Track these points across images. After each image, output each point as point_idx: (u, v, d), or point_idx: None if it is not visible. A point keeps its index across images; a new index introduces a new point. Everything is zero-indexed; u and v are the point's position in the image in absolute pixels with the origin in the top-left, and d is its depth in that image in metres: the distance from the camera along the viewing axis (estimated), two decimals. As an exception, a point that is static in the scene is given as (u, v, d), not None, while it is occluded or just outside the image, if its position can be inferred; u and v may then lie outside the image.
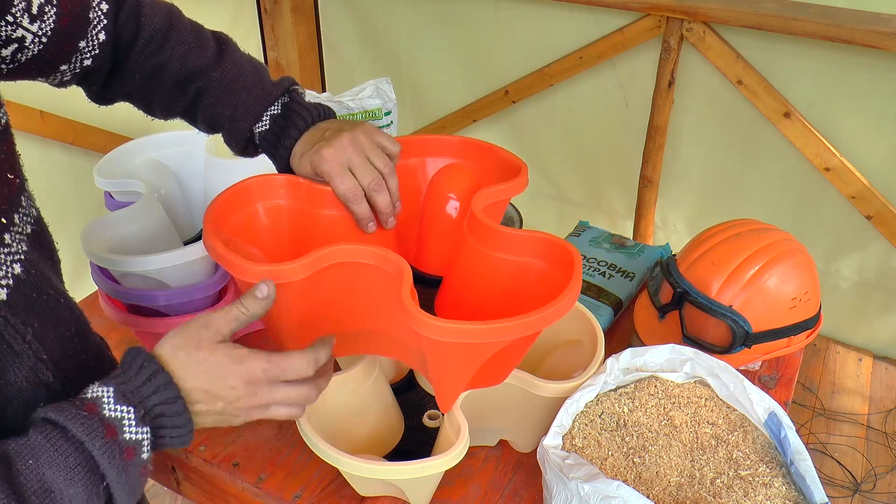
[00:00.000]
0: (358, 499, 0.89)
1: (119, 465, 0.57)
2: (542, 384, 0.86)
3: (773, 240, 1.04)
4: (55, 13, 0.72)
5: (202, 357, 0.63)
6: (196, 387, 0.62)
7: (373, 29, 2.61)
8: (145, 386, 0.60)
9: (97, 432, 0.56)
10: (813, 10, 1.80)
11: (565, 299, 0.70)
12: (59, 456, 0.55)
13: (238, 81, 0.85)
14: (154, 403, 0.60)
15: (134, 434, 0.58)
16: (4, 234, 0.60)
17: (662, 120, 2.15)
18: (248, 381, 0.64)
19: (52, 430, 0.56)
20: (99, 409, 0.58)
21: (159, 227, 1.04)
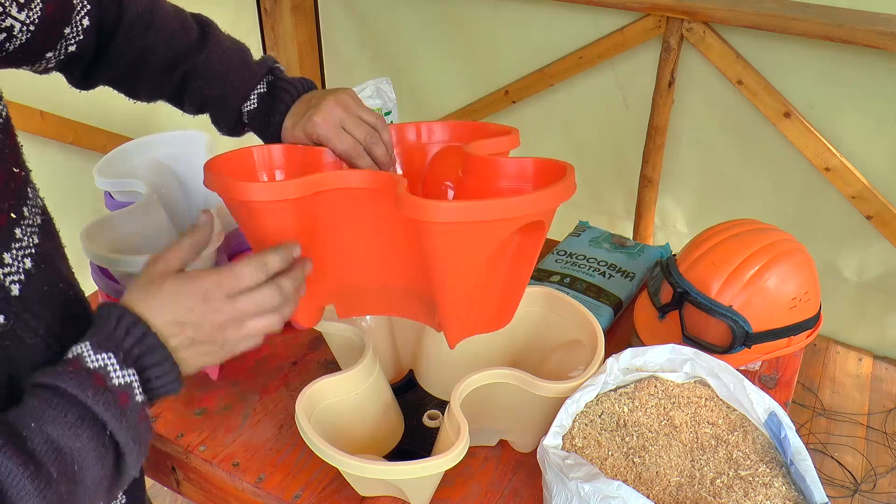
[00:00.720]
0: (358, 499, 0.89)
1: (116, 410, 0.57)
2: (543, 384, 0.86)
3: (773, 240, 1.04)
4: (41, 1, 0.73)
5: (156, 289, 0.63)
6: (162, 322, 0.62)
7: (373, 29, 2.61)
8: (117, 331, 0.60)
9: (87, 383, 0.57)
10: (813, 10, 1.80)
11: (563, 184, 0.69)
12: (58, 413, 0.55)
13: (224, 63, 0.87)
14: (130, 345, 0.60)
15: (121, 378, 0.58)
16: (15, 229, 0.61)
17: (662, 120, 2.15)
18: (203, 298, 0.63)
19: (44, 391, 0.56)
20: (82, 362, 0.58)
21: (159, 227, 1.04)
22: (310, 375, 0.90)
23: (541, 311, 1.01)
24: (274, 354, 1.13)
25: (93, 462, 0.56)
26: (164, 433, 0.99)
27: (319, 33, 2.74)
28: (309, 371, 1.09)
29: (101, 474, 0.57)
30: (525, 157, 0.80)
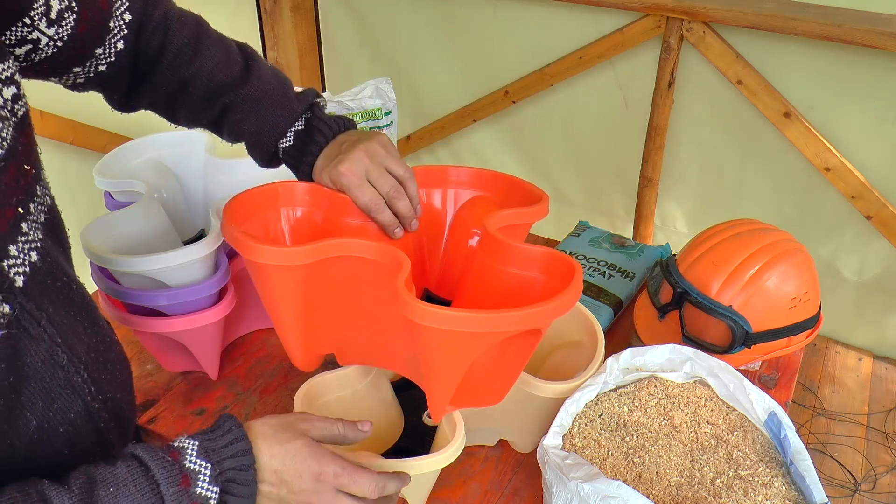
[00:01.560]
0: (358, 499, 0.89)
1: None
2: (542, 385, 0.86)
3: (773, 240, 1.04)
4: (74, 19, 0.73)
5: (285, 438, 0.66)
6: (269, 465, 0.65)
7: (372, 29, 2.61)
8: (227, 448, 0.63)
9: (174, 479, 0.59)
10: (813, 10, 1.80)
11: (557, 302, 0.70)
12: (137, 492, 0.58)
13: (265, 99, 0.87)
14: (229, 466, 0.62)
15: (205, 490, 0.61)
16: (22, 223, 0.61)
17: (662, 120, 2.15)
18: (317, 477, 0.66)
19: (137, 466, 0.59)
20: (181, 458, 0.61)
21: (159, 227, 1.04)
22: (309, 375, 0.91)
23: None
24: (274, 354, 1.13)
25: None
26: (164, 433, 0.99)
27: (319, 33, 2.74)
28: (309, 371, 1.09)
29: None
30: (535, 247, 0.81)
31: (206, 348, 1.04)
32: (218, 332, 1.03)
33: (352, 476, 0.68)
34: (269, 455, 0.65)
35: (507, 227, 0.87)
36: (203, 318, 0.98)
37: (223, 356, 1.10)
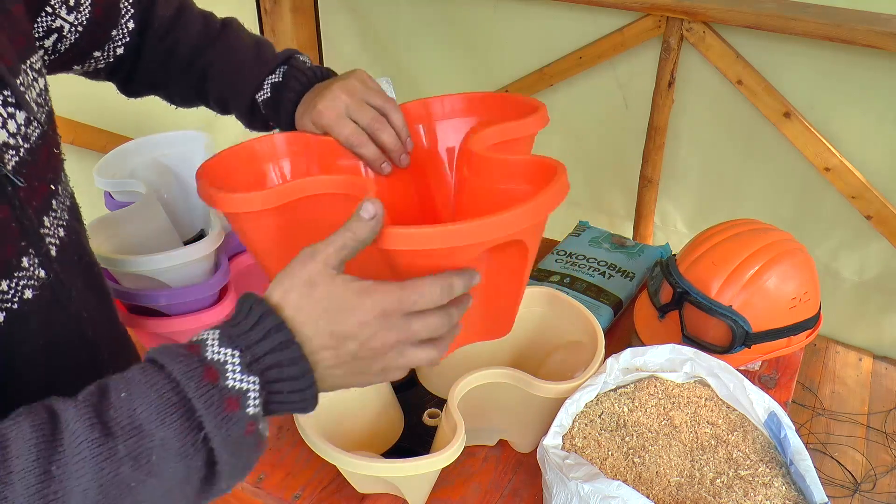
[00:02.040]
0: (358, 498, 0.89)
1: (218, 414, 0.50)
2: (542, 385, 0.86)
3: (773, 240, 1.04)
4: (90, 3, 0.77)
5: (319, 295, 0.55)
6: (318, 331, 0.54)
7: (373, 29, 2.61)
8: (254, 330, 0.53)
9: (195, 373, 0.51)
10: (813, 10, 1.80)
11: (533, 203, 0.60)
12: (154, 393, 0.50)
13: (238, 54, 0.88)
14: (263, 351, 0.52)
15: (237, 382, 0.51)
16: (52, 200, 0.65)
17: (662, 120, 2.15)
18: (382, 313, 0.56)
19: (151, 367, 0.52)
20: (201, 350, 0.52)
21: (159, 227, 1.04)
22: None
23: (542, 312, 1.01)
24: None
25: (174, 459, 0.50)
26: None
27: (319, 33, 2.74)
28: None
29: (183, 477, 0.51)
30: (516, 157, 0.74)
31: (206, 348, 1.04)
32: (218, 332, 1.03)
33: (413, 290, 0.57)
34: (312, 323, 0.54)
35: (502, 144, 0.79)
36: (203, 318, 0.98)
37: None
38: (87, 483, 0.47)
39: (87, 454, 0.47)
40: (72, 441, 0.47)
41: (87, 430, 0.48)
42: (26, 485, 0.45)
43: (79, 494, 0.46)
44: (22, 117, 0.60)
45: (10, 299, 0.58)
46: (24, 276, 0.59)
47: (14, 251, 0.58)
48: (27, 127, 0.61)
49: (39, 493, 0.45)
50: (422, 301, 0.57)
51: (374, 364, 0.57)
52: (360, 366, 0.57)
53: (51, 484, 0.46)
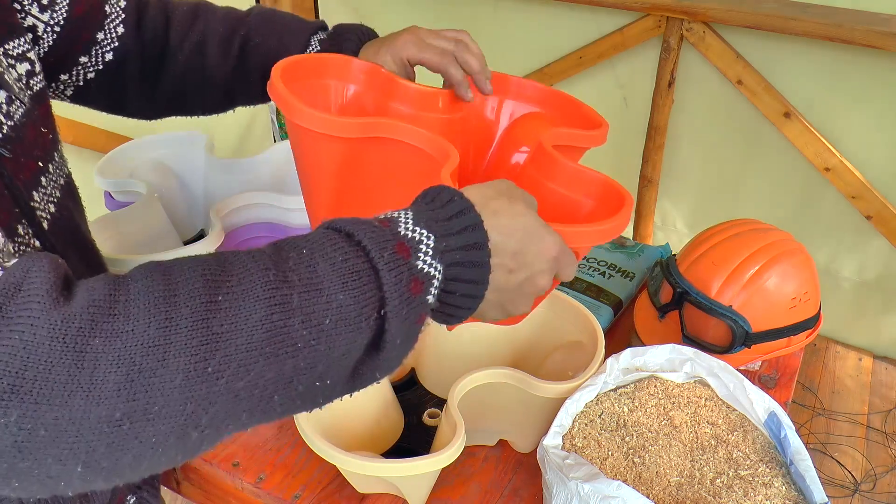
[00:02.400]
0: (358, 498, 0.89)
1: (404, 292, 0.47)
2: (542, 385, 0.86)
3: (773, 240, 1.04)
4: (67, 2, 0.73)
5: (518, 211, 0.54)
6: (505, 246, 0.53)
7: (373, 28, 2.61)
8: (451, 221, 0.50)
9: (388, 245, 0.47)
10: (813, 10, 1.80)
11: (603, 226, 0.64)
12: (338, 254, 0.46)
13: (278, 19, 0.87)
14: (457, 245, 0.49)
15: (427, 265, 0.48)
16: (41, 177, 0.64)
17: (662, 120, 2.15)
18: (555, 255, 0.56)
19: (334, 233, 0.48)
20: (392, 224, 0.49)
21: (159, 227, 1.04)
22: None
23: (542, 312, 1.01)
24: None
25: (348, 328, 0.46)
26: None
27: (319, 33, 2.74)
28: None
29: (348, 348, 0.47)
30: (589, 170, 0.76)
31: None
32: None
33: (568, 258, 0.58)
34: (504, 235, 0.52)
35: (559, 146, 0.81)
36: (203, 318, 0.98)
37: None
38: (255, 323, 0.43)
39: (259, 293, 0.43)
40: (243, 276, 0.44)
41: (261, 271, 0.44)
42: (192, 309, 0.42)
43: (244, 333, 0.42)
44: (2, 96, 0.58)
45: None
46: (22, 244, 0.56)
47: (9, 217, 0.56)
48: (9, 105, 0.59)
49: (203, 320, 0.42)
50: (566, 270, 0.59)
51: (522, 301, 0.57)
52: (512, 297, 0.56)
53: (217, 314, 0.42)
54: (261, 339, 0.43)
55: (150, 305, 0.41)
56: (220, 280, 0.43)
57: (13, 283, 0.40)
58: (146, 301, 0.41)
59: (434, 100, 0.83)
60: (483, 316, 0.58)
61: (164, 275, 0.43)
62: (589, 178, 0.74)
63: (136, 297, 0.42)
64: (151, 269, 0.44)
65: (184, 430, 0.42)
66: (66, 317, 0.39)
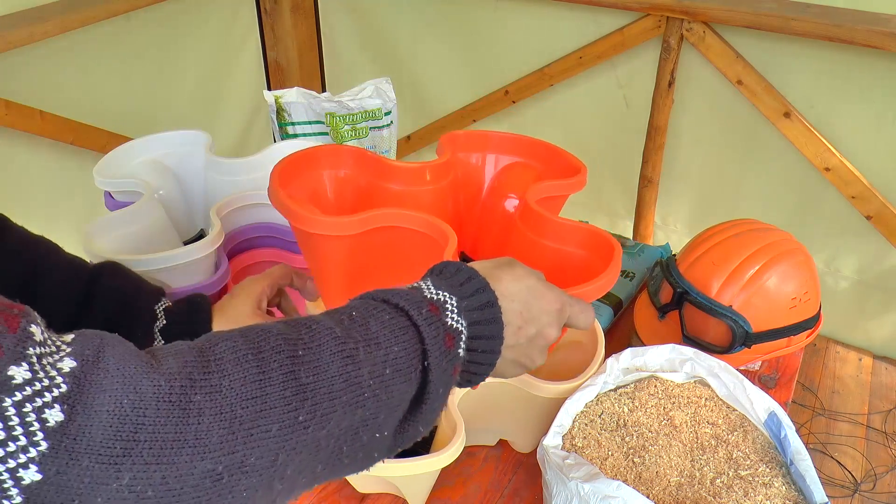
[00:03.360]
0: (358, 498, 0.89)
1: (441, 346, 0.52)
2: (542, 385, 0.86)
3: (773, 240, 1.04)
4: None
5: (520, 274, 0.59)
6: (512, 305, 0.57)
7: (373, 29, 2.61)
8: (464, 286, 0.55)
9: (422, 304, 0.52)
10: (813, 10, 1.80)
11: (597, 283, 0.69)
12: (385, 314, 0.51)
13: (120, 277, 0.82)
14: (473, 305, 0.54)
15: (454, 321, 0.53)
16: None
17: (662, 120, 2.15)
18: (560, 308, 0.61)
19: (372, 301, 0.52)
20: (420, 291, 0.54)
21: (159, 227, 1.04)
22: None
23: None
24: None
25: (402, 378, 0.50)
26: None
27: (319, 33, 2.74)
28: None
29: (402, 398, 0.51)
30: (573, 223, 0.81)
31: (206, 348, 1.04)
32: (218, 331, 1.03)
33: (581, 305, 0.63)
34: (509, 297, 0.57)
35: (544, 198, 0.87)
36: (203, 318, 0.98)
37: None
38: (333, 374, 0.46)
39: (333, 347, 0.47)
40: (314, 334, 0.47)
41: (327, 329, 0.48)
42: (279, 363, 0.44)
43: (326, 383, 0.46)
44: None
45: None
46: None
47: None
48: None
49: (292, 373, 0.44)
50: (579, 319, 0.64)
51: (537, 355, 0.61)
52: (527, 351, 0.60)
53: (301, 366, 0.45)
54: (340, 389, 0.46)
55: (241, 361, 0.44)
56: (296, 338, 0.46)
57: (90, 354, 0.40)
58: (236, 357, 0.44)
59: (422, 174, 0.89)
60: (503, 374, 0.61)
61: (243, 335, 0.46)
62: (575, 230, 0.80)
63: (224, 354, 0.44)
64: (225, 333, 0.46)
65: (270, 483, 0.44)
66: (167, 377, 0.41)
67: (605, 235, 0.78)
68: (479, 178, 0.99)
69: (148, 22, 2.16)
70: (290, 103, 1.31)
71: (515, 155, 0.98)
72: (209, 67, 2.46)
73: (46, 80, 1.93)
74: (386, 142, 1.36)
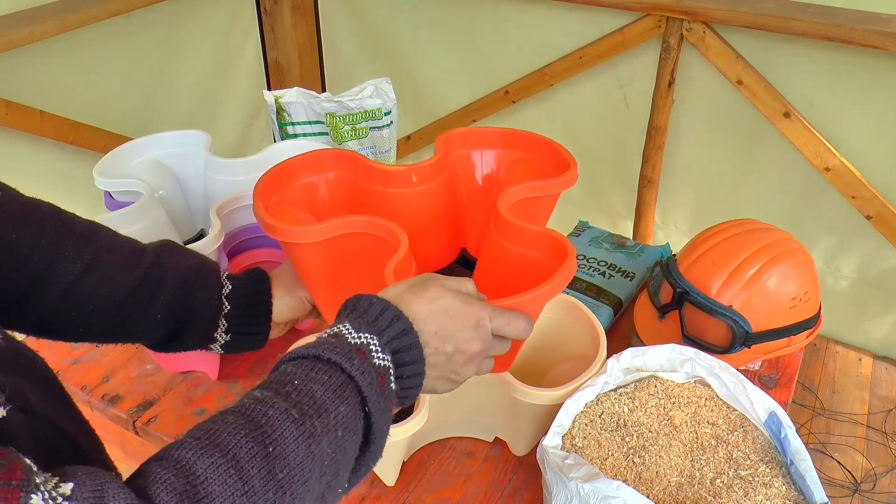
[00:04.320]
0: (358, 497, 0.89)
1: (376, 388, 0.56)
2: (524, 389, 0.85)
3: (773, 240, 1.04)
4: None
5: (432, 296, 0.62)
6: (427, 327, 0.61)
7: (373, 29, 2.61)
8: (378, 320, 0.59)
9: (351, 354, 0.56)
10: (813, 10, 1.80)
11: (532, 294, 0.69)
12: (323, 376, 0.54)
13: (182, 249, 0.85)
14: (391, 336, 0.58)
15: (381, 360, 0.57)
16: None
17: (662, 120, 2.15)
18: (476, 324, 0.64)
19: (304, 360, 0.56)
20: (342, 338, 0.57)
21: (159, 227, 1.04)
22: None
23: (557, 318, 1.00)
24: (273, 354, 1.13)
25: (351, 432, 0.54)
26: (164, 433, 0.99)
27: (319, 33, 2.74)
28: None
29: (353, 449, 0.55)
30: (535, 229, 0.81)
31: (206, 348, 1.04)
32: (218, 332, 1.03)
33: (503, 317, 0.66)
34: (423, 319, 0.61)
35: (531, 199, 0.87)
36: (203, 318, 0.98)
37: (223, 356, 1.10)
38: (302, 459, 0.50)
39: (295, 433, 0.50)
40: (276, 424, 0.50)
41: (284, 412, 0.51)
42: (258, 469, 0.48)
43: (298, 471, 0.49)
44: None
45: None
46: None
47: None
48: None
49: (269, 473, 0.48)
50: (509, 328, 0.66)
51: (462, 369, 0.65)
52: (451, 367, 0.64)
53: (275, 463, 0.49)
54: (309, 469, 0.50)
55: (225, 479, 0.47)
56: (262, 434, 0.49)
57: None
58: (218, 476, 0.47)
59: (407, 176, 0.91)
60: (433, 390, 0.66)
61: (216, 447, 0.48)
62: (535, 235, 0.81)
63: (207, 475, 0.47)
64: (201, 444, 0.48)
65: None
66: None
67: (557, 238, 0.78)
68: (475, 176, 0.99)
69: (148, 22, 2.16)
70: (290, 103, 1.31)
71: (507, 149, 0.98)
72: (209, 67, 2.46)
73: (46, 80, 1.93)
74: (386, 142, 1.36)
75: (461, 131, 0.98)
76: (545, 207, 0.94)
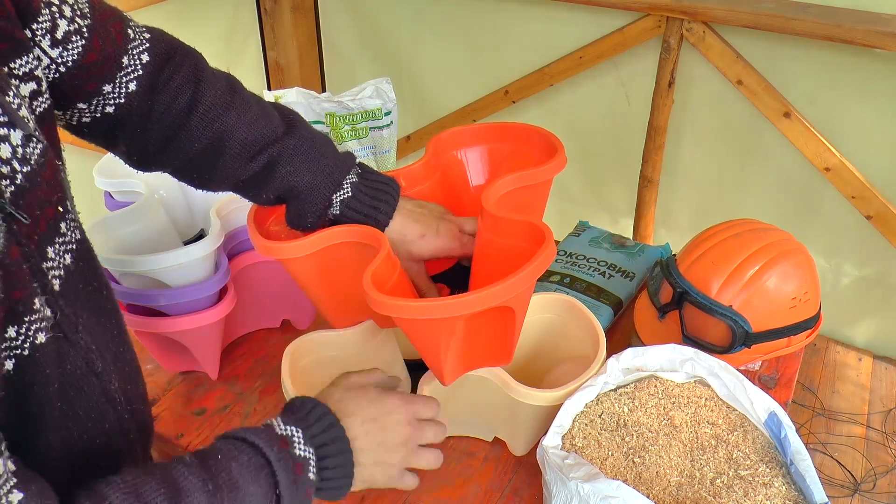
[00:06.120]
0: (358, 497, 0.89)
1: (291, 475, 0.64)
2: (521, 389, 0.85)
3: (773, 239, 1.04)
4: (82, 45, 0.67)
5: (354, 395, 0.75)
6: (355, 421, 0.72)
7: (373, 29, 2.61)
8: (309, 416, 0.69)
9: (274, 442, 0.65)
10: (813, 10, 1.80)
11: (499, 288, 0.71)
12: (243, 457, 0.63)
13: (314, 149, 0.82)
14: (317, 431, 0.68)
15: (302, 451, 0.66)
16: (61, 223, 0.59)
17: (662, 120, 2.15)
18: (398, 406, 0.76)
19: (234, 440, 0.65)
20: (271, 428, 0.67)
21: (159, 227, 1.04)
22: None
23: (555, 319, 1.00)
24: (273, 354, 1.13)
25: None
26: (164, 433, 0.99)
27: (319, 33, 2.74)
28: (309, 371, 1.09)
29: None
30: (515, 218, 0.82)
31: (206, 348, 1.04)
32: (218, 331, 1.03)
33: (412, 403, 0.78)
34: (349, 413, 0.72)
35: (523, 189, 0.88)
36: (203, 318, 0.98)
37: (223, 356, 1.10)
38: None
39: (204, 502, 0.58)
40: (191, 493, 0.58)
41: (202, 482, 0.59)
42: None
43: None
44: (18, 137, 0.53)
45: (21, 345, 0.52)
46: (37, 320, 0.54)
47: (25, 294, 0.53)
48: (25, 147, 0.54)
49: None
50: (421, 412, 0.78)
51: (394, 455, 0.74)
52: (383, 455, 0.73)
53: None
54: None
55: None
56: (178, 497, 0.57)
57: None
58: None
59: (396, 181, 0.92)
60: (373, 481, 0.74)
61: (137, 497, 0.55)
62: (515, 225, 0.82)
63: None
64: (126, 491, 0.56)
65: None
66: None
67: (535, 226, 0.79)
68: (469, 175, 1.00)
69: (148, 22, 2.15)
70: (290, 103, 1.31)
71: (498, 142, 0.99)
72: (209, 67, 2.46)
73: (46, 80, 1.93)
74: (386, 142, 1.36)
75: (451, 131, 0.98)
76: (538, 197, 0.93)
